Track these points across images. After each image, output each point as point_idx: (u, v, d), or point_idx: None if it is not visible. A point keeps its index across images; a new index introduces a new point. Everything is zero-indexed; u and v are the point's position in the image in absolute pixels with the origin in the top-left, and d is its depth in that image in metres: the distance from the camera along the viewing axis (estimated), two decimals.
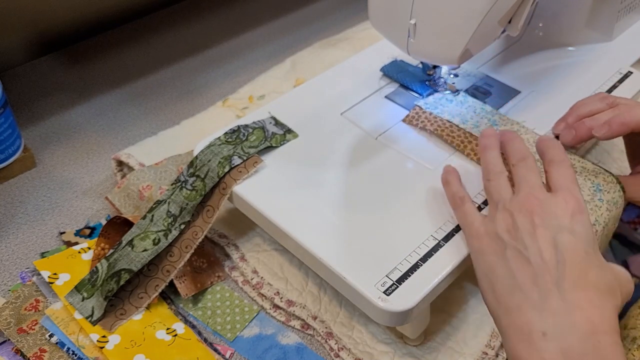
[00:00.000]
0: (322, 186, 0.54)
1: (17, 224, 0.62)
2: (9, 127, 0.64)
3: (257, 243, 0.59)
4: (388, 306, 0.45)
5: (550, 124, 0.60)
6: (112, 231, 0.57)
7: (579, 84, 0.65)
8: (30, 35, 0.83)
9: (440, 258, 0.48)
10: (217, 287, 0.57)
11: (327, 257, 0.48)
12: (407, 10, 0.51)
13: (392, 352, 0.51)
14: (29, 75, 0.82)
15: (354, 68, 0.68)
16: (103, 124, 0.75)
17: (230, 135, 0.57)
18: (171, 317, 0.54)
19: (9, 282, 0.56)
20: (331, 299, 0.55)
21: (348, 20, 0.94)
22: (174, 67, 0.85)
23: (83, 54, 0.86)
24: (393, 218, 0.51)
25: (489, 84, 0.66)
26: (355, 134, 0.59)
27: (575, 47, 0.71)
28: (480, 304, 0.55)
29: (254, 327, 0.54)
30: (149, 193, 0.61)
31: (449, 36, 0.51)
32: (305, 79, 0.77)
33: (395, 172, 0.56)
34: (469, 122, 0.58)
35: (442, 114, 0.59)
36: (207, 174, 0.54)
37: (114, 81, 0.82)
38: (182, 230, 0.54)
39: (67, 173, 0.69)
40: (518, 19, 0.52)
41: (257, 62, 0.86)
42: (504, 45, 0.72)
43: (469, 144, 0.56)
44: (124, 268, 0.52)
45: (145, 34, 0.90)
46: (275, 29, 0.93)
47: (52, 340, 0.50)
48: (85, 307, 0.52)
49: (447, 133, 0.58)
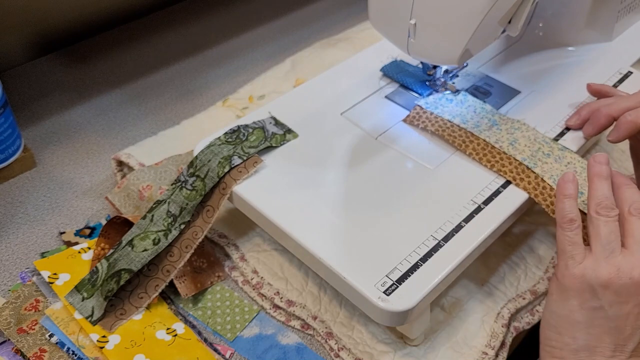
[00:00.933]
0: (322, 186, 0.54)
1: (17, 224, 0.62)
2: (9, 127, 0.64)
3: (257, 243, 0.59)
4: (388, 306, 0.45)
5: (550, 124, 0.60)
6: (112, 231, 0.57)
7: (579, 84, 0.65)
8: (30, 35, 0.83)
9: (440, 258, 0.48)
10: (217, 287, 0.57)
11: (327, 257, 0.48)
12: (407, 11, 0.51)
13: (392, 352, 0.51)
14: (29, 75, 0.82)
15: (354, 68, 0.68)
16: (103, 124, 0.75)
17: (230, 135, 0.57)
18: (171, 317, 0.53)
19: (9, 282, 0.56)
20: (331, 299, 0.55)
21: (348, 20, 0.94)
22: (174, 67, 0.85)
23: (83, 54, 0.86)
24: (393, 218, 0.51)
25: (489, 84, 0.66)
26: (355, 134, 0.59)
27: (575, 47, 0.71)
28: (480, 304, 0.55)
29: (254, 327, 0.54)
30: (149, 193, 0.61)
31: (449, 36, 0.51)
32: (305, 79, 0.77)
33: (395, 172, 0.56)
34: (469, 122, 0.58)
35: (443, 114, 0.59)
36: (207, 174, 0.54)
37: (114, 81, 0.82)
38: (182, 230, 0.54)
39: (67, 173, 0.69)
40: (518, 19, 0.52)
41: (257, 62, 0.86)
42: (504, 45, 0.72)
43: (470, 144, 0.56)
44: (124, 268, 0.52)
45: (145, 34, 0.90)
46: (275, 29, 0.93)
47: (52, 340, 0.50)
48: (85, 307, 0.52)
49: (449, 133, 0.58)
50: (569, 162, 0.55)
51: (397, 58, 0.68)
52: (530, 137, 0.57)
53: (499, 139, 0.56)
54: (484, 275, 0.58)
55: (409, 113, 0.61)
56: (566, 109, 0.61)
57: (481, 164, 0.55)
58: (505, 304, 0.55)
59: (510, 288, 0.57)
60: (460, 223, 0.50)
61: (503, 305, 0.55)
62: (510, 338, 0.54)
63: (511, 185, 0.54)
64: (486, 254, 0.58)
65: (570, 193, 0.47)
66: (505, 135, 0.57)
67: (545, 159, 0.55)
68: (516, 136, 0.57)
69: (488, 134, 0.57)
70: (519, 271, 0.58)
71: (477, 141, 0.57)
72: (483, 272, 0.58)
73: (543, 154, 0.55)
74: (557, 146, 0.56)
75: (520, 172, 0.54)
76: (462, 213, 0.51)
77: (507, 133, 0.57)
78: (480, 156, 0.55)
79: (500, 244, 0.60)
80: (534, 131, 0.58)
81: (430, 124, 0.59)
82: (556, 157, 0.55)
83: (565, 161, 0.55)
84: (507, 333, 0.54)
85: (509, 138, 0.57)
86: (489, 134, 0.57)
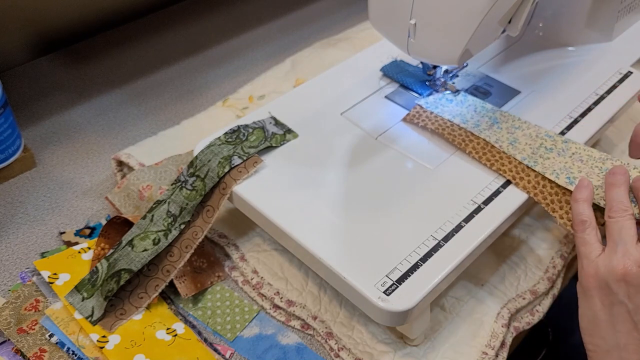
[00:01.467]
0: (322, 186, 0.54)
1: (17, 224, 0.62)
2: (9, 127, 0.64)
3: (257, 243, 0.59)
4: (388, 306, 0.45)
5: (550, 124, 0.60)
6: (112, 231, 0.57)
7: (579, 84, 0.65)
8: (30, 35, 0.83)
9: (440, 258, 0.48)
10: (217, 287, 0.57)
11: (327, 257, 0.48)
12: (407, 11, 0.51)
13: (392, 352, 0.51)
14: (29, 75, 0.82)
15: (354, 68, 0.68)
16: (103, 124, 0.75)
17: (230, 135, 0.57)
18: (171, 317, 0.53)
19: (9, 282, 0.56)
20: (331, 299, 0.55)
21: (348, 20, 0.94)
22: (174, 67, 0.85)
23: (83, 54, 0.86)
24: (393, 218, 0.51)
25: (489, 84, 0.66)
26: (355, 134, 0.59)
27: (575, 47, 0.71)
28: (480, 304, 0.55)
29: (254, 327, 0.54)
30: (149, 193, 0.61)
31: (449, 36, 0.51)
32: (305, 79, 0.77)
33: (395, 172, 0.56)
34: (469, 121, 0.58)
35: (443, 114, 0.60)
36: (207, 174, 0.54)
37: (114, 81, 0.82)
38: (182, 230, 0.54)
39: (67, 173, 0.69)
40: (518, 19, 0.52)
41: (257, 62, 0.86)
42: (504, 45, 0.72)
43: (470, 143, 0.57)
44: (124, 268, 0.52)
45: (145, 34, 0.90)
46: (275, 29, 0.93)
47: (52, 340, 0.50)
48: (85, 307, 0.52)
49: (448, 132, 0.58)
50: (573, 152, 0.55)
51: (397, 58, 0.68)
52: (532, 134, 0.57)
53: (499, 139, 0.57)
54: (484, 275, 0.58)
55: (409, 112, 0.61)
56: (566, 109, 0.61)
57: (481, 162, 0.55)
58: (505, 304, 0.55)
59: (510, 288, 0.57)
60: (460, 223, 0.50)
61: (503, 305, 0.55)
62: (510, 338, 0.54)
63: (511, 185, 0.54)
64: (486, 254, 0.58)
65: (582, 197, 0.49)
66: (506, 135, 0.57)
67: (547, 154, 0.55)
68: (516, 135, 0.57)
69: (488, 133, 0.57)
70: (519, 271, 0.58)
71: (477, 140, 0.57)
72: (483, 272, 0.58)
73: (545, 149, 0.55)
74: (560, 139, 0.56)
75: (520, 172, 0.54)
76: (462, 213, 0.51)
77: (507, 132, 0.57)
78: (480, 155, 0.55)
79: (500, 244, 0.60)
80: (535, 127, 0.58)
81: (430, 122, 0.59)
82: (560, 150, 0.55)
83: (569, 152, 0.55)
84: (507, 333, 0.54)
85: (509, 138, 0.57)
86: (489, 133, 0.57)
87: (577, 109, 0.61)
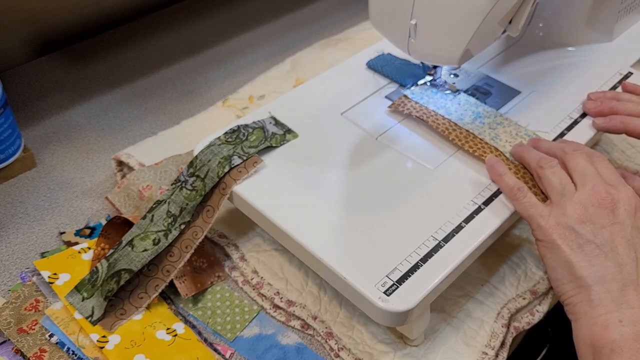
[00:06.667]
0: (322, 186, 0.54)
1: (17, 224, 0.62)
2: (9, 127, 0.64)
3: (257, 243, 0.59)
4: (388, 306, 0.45)
5: (550, 124, 0.60)
6: (112, 231, 0.57)
7: (579, 84, 0.65)
8: (30, 35, 0.83)
9: (440, 258, 0.48)
10: (217, 287, 0.57)
11: (327, 257, 0.48)
12: (408, 11, 0.51)
13: (392, 352, 0.51)
14: (29, 75, 0.82)
15: (354, 68, 0.68)
16: (103, 124, 0.75)
17: (230, 135, 0.57)
18: (171, 317, 0.53)
19: (9, 282, 0.56)
20: (331, 299, 0.55)
21: (348, 20, 0.94)
22: (174, 67, 0.85)
23: (83, 54, 0.86)
24: (393, 218, 0.51)
25: (489, 84, 0.66)
26: (355, 134, 0.59)
27: (575, 47, 0.71)
28: (480, 304, 0.55)
29: (254, 327, 0.54)
30: (149, 193, 0.61)
31: (449, 36, 0.51)
32: (305, 79, 0.77)
33: (395, 172, 0.56)
34: (453, 114, 0.59)
35: (428, 105, 0.60)
36: (207, 174, 0.54)
37: (114, 81, 0.82)
38: (182, 230, 0.54)
39: (67, 173, 0.69)
40: (518, 19, 0.52)
41: (257, 62, 0.86)
42: (504, 45, 0.72)
43: (453, 131, 0.57)
44: (124, 268, 0.52)
45: (145, 34, 0.90)
46: (275, 29, 0.93)
47: (52, 340, 0.50)
48: (85, 307, 0.52)
49: (432, 120, 0.58)
50: None
51: (384, 51, 0.68)
52: (512, 132, 0.57)
53: (481, 133, 0.57)
54: (484, 275, 0.58)
55: (394, 101, 0.61)
56: (566, 109, 0.61)
57: (464, 149, 0.56)
58: (505, 304, 0.55)
59: (510, 288, 0.57)
60: (461, 223, 0.50)
61: (503, 305, 0.55)
62: (510, 338, 0.54)
63: None
64: (486, 254, 0.58)
65: (503, 170, 0.52)
66: (487, 130, 0.58)
67: None
68: (497, 132, 0.57)
69: (471, 126, 0.58)
70: (519, 271, 0.58)
71: (459, 130, 0.58)
72: (483, 272, 0.58)
73: None
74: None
75: (504, 160, 0.54)
76: (462, 213, 0.51)
77: (489, 128, 0.58)
78: (463, 142, 0.56)
79: (500, 244, 0.60)
80: (515, 126, 0.58)
81: (415, 110, 0.59)
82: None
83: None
84: (507, 333, 0.54)
85: (491, 134, 0.57)
86: (471, 127, 0.58)
87: (577, 110, 0.61)
